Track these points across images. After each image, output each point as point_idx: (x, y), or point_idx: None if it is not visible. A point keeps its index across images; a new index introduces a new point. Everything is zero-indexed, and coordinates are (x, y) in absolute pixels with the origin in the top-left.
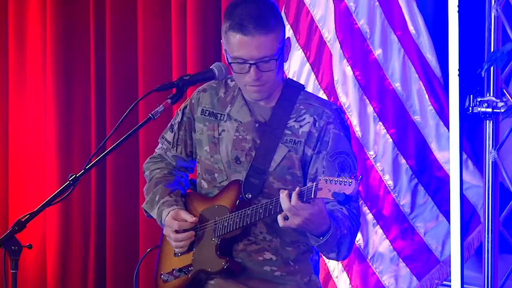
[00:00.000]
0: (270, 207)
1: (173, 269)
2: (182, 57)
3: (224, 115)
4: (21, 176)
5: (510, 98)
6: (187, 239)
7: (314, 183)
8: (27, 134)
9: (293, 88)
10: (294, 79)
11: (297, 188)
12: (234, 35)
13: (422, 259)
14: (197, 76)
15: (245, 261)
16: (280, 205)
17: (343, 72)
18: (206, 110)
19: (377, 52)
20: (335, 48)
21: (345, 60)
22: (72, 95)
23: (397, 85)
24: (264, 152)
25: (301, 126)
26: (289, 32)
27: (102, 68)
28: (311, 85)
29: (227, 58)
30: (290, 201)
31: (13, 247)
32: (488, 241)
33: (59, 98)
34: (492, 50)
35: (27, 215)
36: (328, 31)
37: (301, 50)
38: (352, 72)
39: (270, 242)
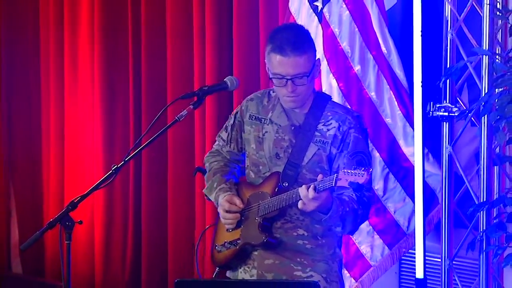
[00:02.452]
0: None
1: (225, 242)
2: (201, 72)
3: (267, 119)
4: (74, 166)
5: (462, 105)
6: (234, 218)
7: (335, 174)
8: (79, 133)
9: (322, 98)
10: None
11: (312, 184)
12: (275, 56)
13: (392, 232)
14: (214, 87)
15: (282, 236)
16: None
17: (329, 84)
18: (252, 115)
19: (357, 68)
20: (323, 65)
21: (331, 74)
22: (114, 102)
23: (372, 94)
24: (298, 150)
25: (328, 130)
26: None
27: (138, 80)
28: None
29: (269, 74)
30: (308, 192)
31: (67, 223)
32: (445, 218)
33: (104, 104)
34: (448, 66)
35: (78, 197)
36: (318, 51)
37: None
38: (336, 84)
39: (302, 221)
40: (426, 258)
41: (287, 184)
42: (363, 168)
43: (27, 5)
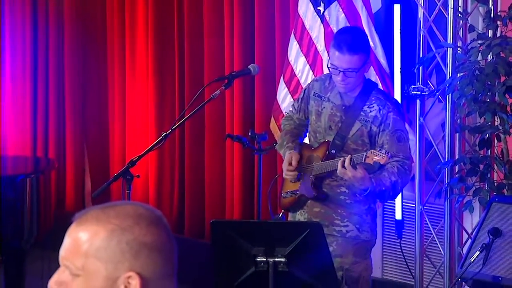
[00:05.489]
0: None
1: (288, 191)
2: (230, 60)
3: (326, 97)
4: (133, 132)
5: (431, 86)
6: (292, 175)
7: (365, 153)
8: (137, 107)
9: (370, 85)
10: (299, 75)
11: (349, 156)
12: (334, 51)
13: None
14: (240, 72)
15: (328, 191)
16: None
17: (328, 70)
18: (316, 93)
19: None
20: (324, 56)
21: (329, 63)
22: (164, 84)
23: None
24: (346, 125)
25: (371, 111)
26: (296, 46)
27: (182, 67)
28: (309, 79)
29: (328, 63)
30: (344, 164)
31: (128, 177)
32: (418, 173)
33: (156, 85)
34: (421, 56)
35: (136, 157)
36: (320, 45)
37: (304, 57)
38: None
39: (345, 181)
40: (403, 203)
41: (334, 152)
42: (384, 151)
43: (97, 13)
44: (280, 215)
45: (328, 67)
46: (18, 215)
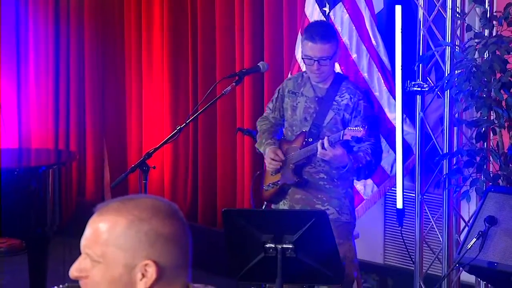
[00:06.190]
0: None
1: (269, 183)
2: (241, 58)
3: (299, 93)
4: (149, 126)
5: (431, 82)
6: (276, 165)
7: (342, 131)
8: (153, 102)
9: (340, 77)
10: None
11: (326, 137)
12: (307, 42)
13: (379, 174)
14: (250, 69)
15: (308, 178)
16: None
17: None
18: (290, 90)
19: (354, 55)
20: None
21: (303, 55)
22: (178, 80)
23: (365, 74)
24: (320, 115)
25: (342, 100)
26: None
27: (195, 64)
28: None
29: (302, 56)
30: (323, 145)
31: (144, 168)
32: (418, 164)
33: (171, 81)
34: (420, 54)
35: (152, 149)
36: None
37: None
38: (339, 67)
39: (323, 167)
40: (404, 193)
41: (311, 140)
42: (360, 126)
43: (115, 12)
44: (263, 208)
45: (302, 59)
46: (42, 204)
